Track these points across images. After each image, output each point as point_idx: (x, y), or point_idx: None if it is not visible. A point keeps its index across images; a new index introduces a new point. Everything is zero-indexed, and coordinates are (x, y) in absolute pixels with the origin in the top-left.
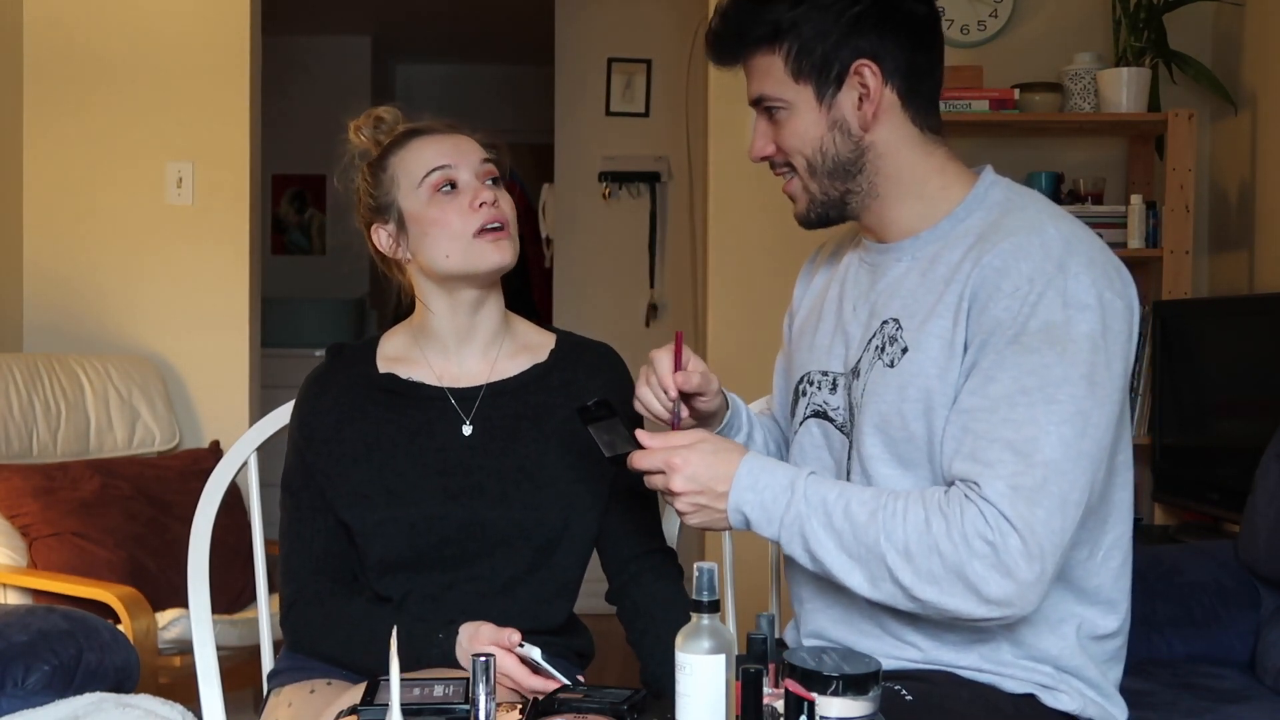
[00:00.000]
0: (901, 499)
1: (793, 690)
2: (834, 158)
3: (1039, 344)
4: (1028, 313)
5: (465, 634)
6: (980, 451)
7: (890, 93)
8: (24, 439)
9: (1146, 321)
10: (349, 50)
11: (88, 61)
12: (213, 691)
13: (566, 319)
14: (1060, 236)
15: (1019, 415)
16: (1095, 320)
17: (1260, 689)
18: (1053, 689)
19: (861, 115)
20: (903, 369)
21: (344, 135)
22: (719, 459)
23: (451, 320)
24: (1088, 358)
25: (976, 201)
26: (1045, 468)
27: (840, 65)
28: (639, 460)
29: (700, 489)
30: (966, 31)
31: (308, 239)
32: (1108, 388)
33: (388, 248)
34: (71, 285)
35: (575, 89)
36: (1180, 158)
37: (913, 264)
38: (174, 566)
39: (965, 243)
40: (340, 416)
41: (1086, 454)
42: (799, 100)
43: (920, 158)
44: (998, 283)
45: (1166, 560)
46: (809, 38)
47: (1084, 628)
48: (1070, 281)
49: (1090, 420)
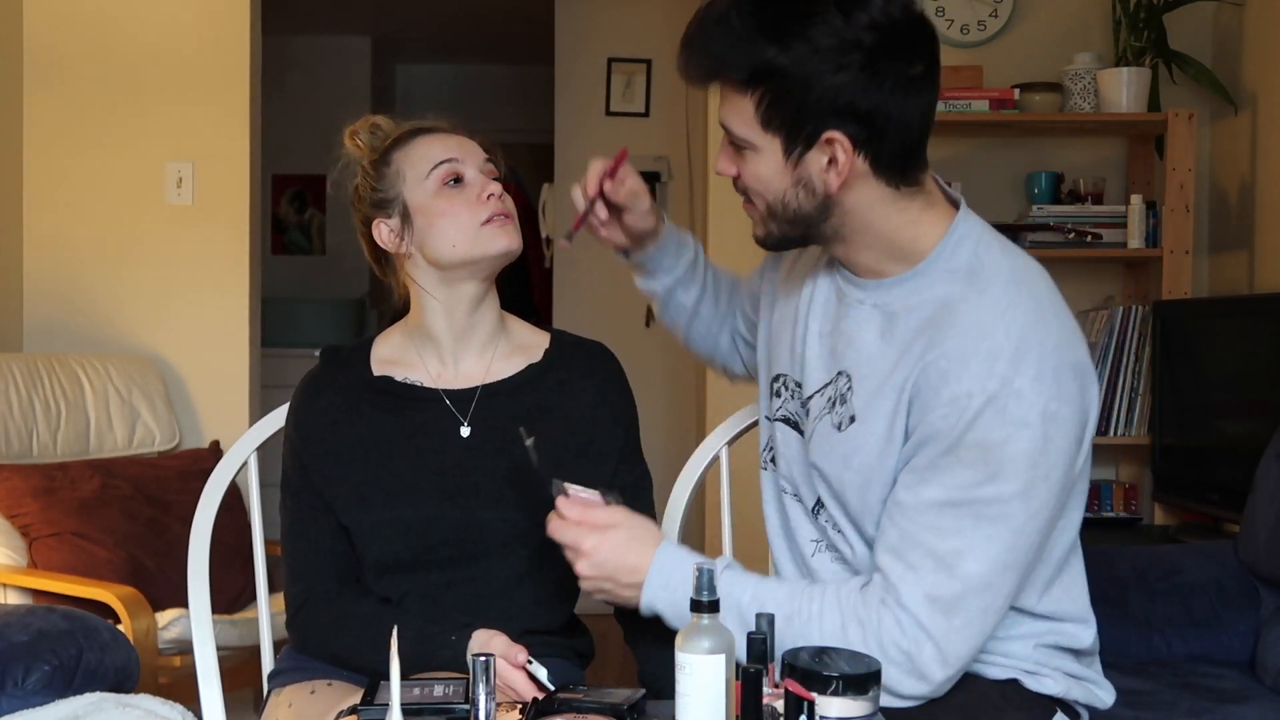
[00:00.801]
0: (818, 600)
1: (793, 690)
2: (795, 210)
3: (974, 459)
4: (963, 428)
5: (478, 641)
6: (905, 552)
7: (862, 162)
8: (24, 439)
9: (1147, 321)
10: (349, 50)
11: (88, 61)
12: (213, 691)
13: (566, 319)
14: (1010, 343)
15: (946, 525)
16: (1036, 437)
17: (1260, 689)
18: (1035, 674)
19: (827, 180)
20: (849, 438)
21: (341, 140)
22: (630, 551)
23: (449, 319)
24: (1025, 475)
25: (943, 260)
26: (966, 582)
27: (812, 128)
28: (552, 529)
29: (606, 577)
30: (966, 31)
31: (308, 239)
32: (1045, 496)
33: (389, 242)
34: (72, 285)
35: (575, 89)
36: (1180, 158)
37: (873, 313)
38: (174, 566)
39: (921, 314)
40: (336, 418)
41: (1015, 564)
42: (766, 148)
43: (892, 213)
44: (938, 388)
45: (1166, 560)
46: (786, 91)
47: (1051, 639)
48: (1011, 400)
49: (1023, 533)
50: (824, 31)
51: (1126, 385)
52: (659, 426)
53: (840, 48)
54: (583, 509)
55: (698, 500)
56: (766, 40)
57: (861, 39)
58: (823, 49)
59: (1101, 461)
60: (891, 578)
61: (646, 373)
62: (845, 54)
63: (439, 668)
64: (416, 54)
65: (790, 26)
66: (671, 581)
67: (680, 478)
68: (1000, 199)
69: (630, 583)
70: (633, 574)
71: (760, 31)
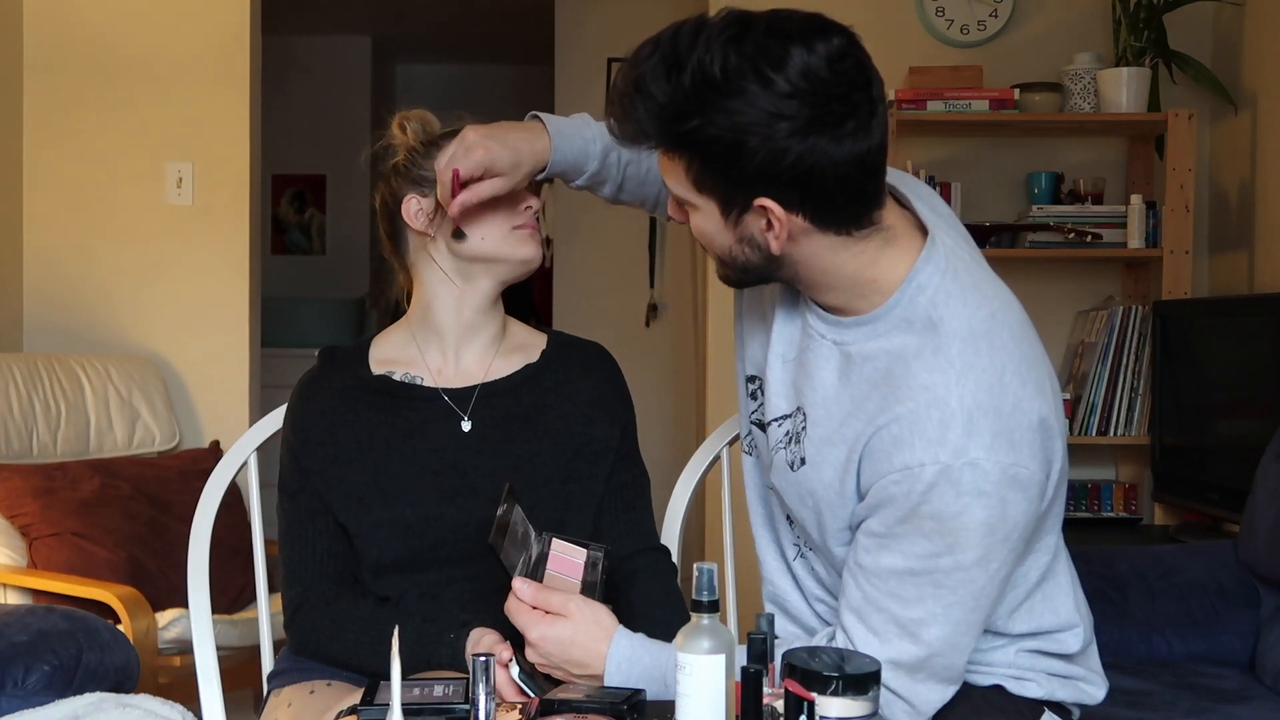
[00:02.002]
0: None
1: (793, 690)
2: (745, 264)
3: (931, 530)
4: (918, 498)
5: (472, 639)
6: (868, 615)
7: (801, 220)
8: (24, 439)
9: (1147, 321)
10: (349, 50)
11: (88, 61)
12: (213, 691)
13: (566, 319)
14: (963, 410)
15: (907, 594)
16: (992, 505)
17: (1260, 689)
18: (1019, 679)
19: (768, 239)
20: (800, 479)
21: (378, 130)
22: (574, 646)
23: (458, 312)
24: (982, 543)
25: (900, 308)
26: (930, 647)
27: (744, 196)
28: (507, 607)
29: (555, 666)
30: (966, 31)
31: (308, 239)
32: (1004, 555)
33: (415, 219)
34: (71, 285)
35: (575, 89)
36: (1180, 158)
37: (833, 350)
38: (174, 566)
39: (876, 365)
40: (334, 419)
41: (977, 620)
42: (704, 206)
43: (847, 259)
44: (890, 453)
45: (1166, 560)
46: (712, 160)
47: (1033, 646)
48: (966, 472)
49: (983, 594)
50: (743, 102)
51: (1126, 385)
52: (659, 426)
53: (762, 120)
54: (535, 591)
55: (698, 500)
56: (689, 108)
57: (783, 110)
58: (746, 123)
59: (1101, 461)
60: (856, 641)
61: (646, 373)
62: (770, 125)
63: (438, 666)
64: (416, 54)
65: (710, 97)
66: (630, 679)
67: (681, 478)
68: (1000, 199)
69: (581, 674)
70: (580, 667)
71: (682, 100)
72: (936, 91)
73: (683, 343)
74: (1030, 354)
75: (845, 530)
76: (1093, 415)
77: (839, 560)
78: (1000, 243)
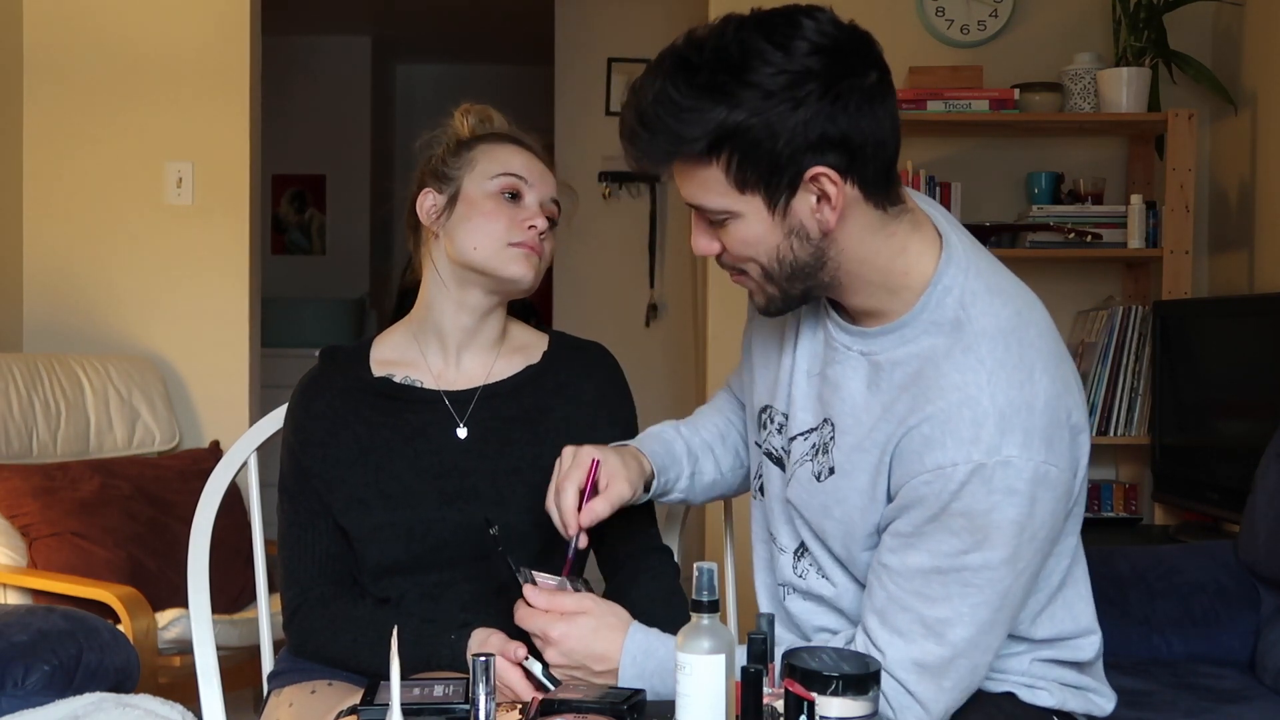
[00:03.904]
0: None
1: (793, 690)
2: (792, 263)
3: (960, 527)
4: (948, 497)
5: (476, 640)
6: (891, 616)
7: (852, 188)
8: (24, 439)
9: (1147, 321)
10: (349, 50)
11: (88, 61)
12: (213, 691)
13: (566, 319)
14: (995, 409)
15: (934, 592)
16: (1022, 503)
17: (1260, 689)
18: (1031, 687)
19: (821, 219)
20: (828, 489)
21: (439, 123)
22: (598, 639)
23: (456, 318)
24: (1012, 541)
25: (928, 312)
26: (955, 648)
27: (793, 173)
28: (519, 616)
29: (575, 665)
30: (966, 31)
31: (308, 239)
32: (1030, 555)
33: (426, 212)
34: (71, 285)
35: (575, 89)
36: (1180, 158)
37: (860, 361)
38: (174, 566)
39: (906, 369)
40: (335, 421)
41: (1002, 621)
42: (748, 210)
43: (883, 242)
44: (922, 454)
45: (1166, 560)
46: (752, 146)
47: (1049, 654)
48: (998, 470)
49: (1009, 594)
50: (768, 73)
51: (1126, 385)
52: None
53: (792, 83)
54: (549, 596)
55: None
56: (714, 102)
57: (810, 66)
58: (774, 90)
59: (1101, 461)
60: (879, 641)
61: (646, 373)
62: (799, 87)
63: (438, 667)
64: (416, 54)
65: (731, 80)
66: (645, 671)
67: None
68: (1000, 199)
69: (602, 670)
70: (602, 662)
71: (705, 95)
72: (936, 91)
73: (683, 343)
74: (1057, 350)
75: (873, 535)
76: (1093, 415)
77: (863, 568)
78: (1000, 243)
